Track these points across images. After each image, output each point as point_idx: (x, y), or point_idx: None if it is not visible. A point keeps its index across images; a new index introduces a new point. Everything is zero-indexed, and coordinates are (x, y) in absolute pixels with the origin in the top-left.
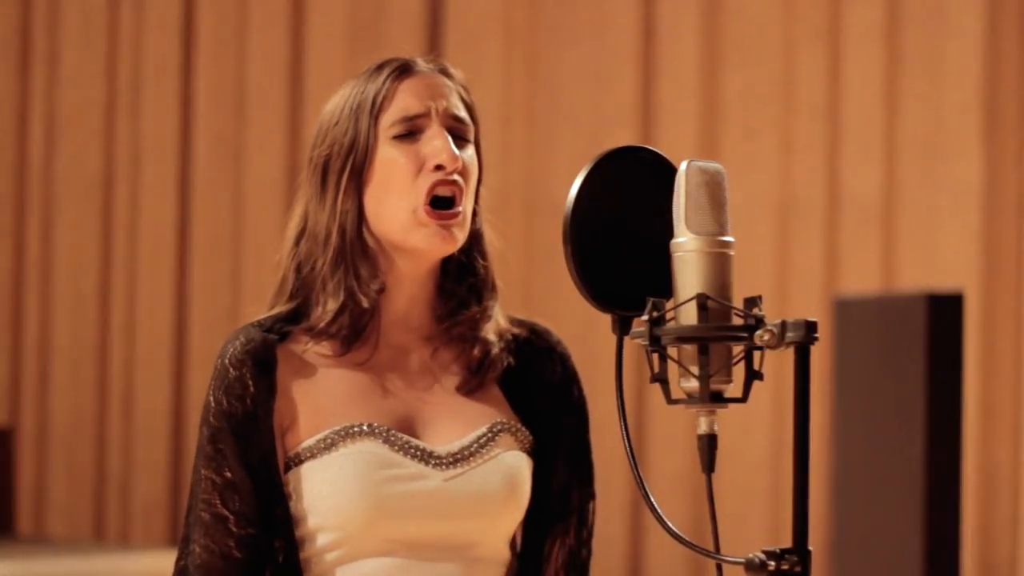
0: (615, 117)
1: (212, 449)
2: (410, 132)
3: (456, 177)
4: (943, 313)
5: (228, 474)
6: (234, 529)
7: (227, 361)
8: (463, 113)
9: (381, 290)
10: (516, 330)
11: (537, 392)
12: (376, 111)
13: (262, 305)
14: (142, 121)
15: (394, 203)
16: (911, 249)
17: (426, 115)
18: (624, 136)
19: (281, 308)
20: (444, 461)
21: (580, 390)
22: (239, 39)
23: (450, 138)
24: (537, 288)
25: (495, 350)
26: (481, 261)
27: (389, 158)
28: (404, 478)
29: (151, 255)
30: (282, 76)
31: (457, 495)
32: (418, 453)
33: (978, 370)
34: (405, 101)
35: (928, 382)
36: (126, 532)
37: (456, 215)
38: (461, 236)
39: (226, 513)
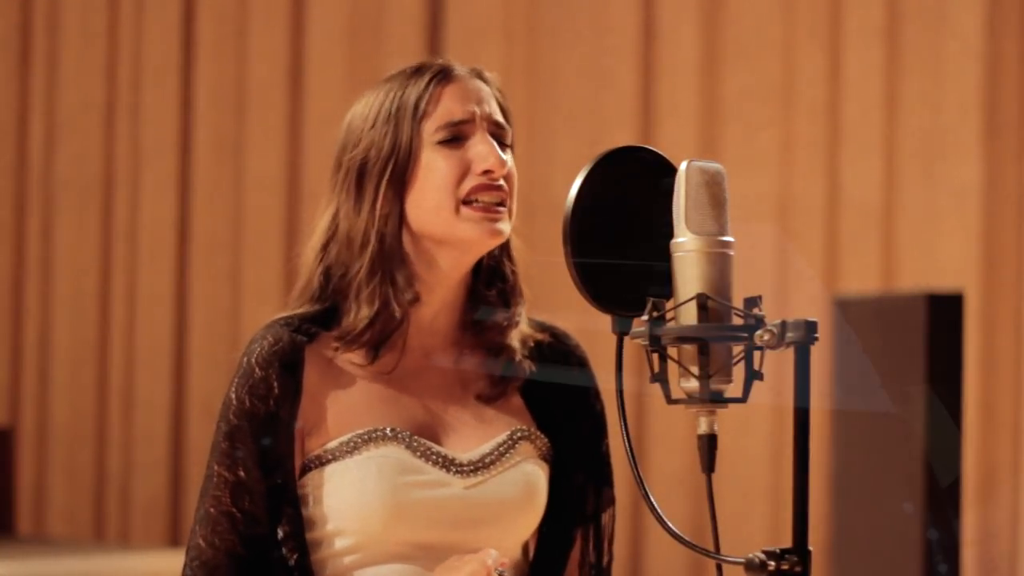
0: (615, 117)
1: (228, 446)
2: (455, 137)
3: (502, 182)
4: (943, 313)
5: (242, 473)
6: (241, 528)
7: (253, 360)
8: (502, 118)
9: (414, 301)
10: (539, 336)
11: (555, 396)
12: (420, 116)
13: (262, 305)
14: (142, 121)
15: (438, 204)
16: (911, 249)
17: (471, 121)
18: (624, 136)
19: (308, 308)
20: (465, 469)
21: (597, 395)
22: (239, 39)
23: (495, 143)
24: (537, 288)
25: (518, 358)
26: (510, 266)
27: (433, 163)
28: (425, 485)
29: (151, 255)
30: (282, 76)
31: (476, 503)
32: (440, 460)
33: (978, 370)
34: (449, 106)
35: (928, 382)
36: (126, 532)
37: (501, 212)
38: (506, 230)
39: (235, 511)
